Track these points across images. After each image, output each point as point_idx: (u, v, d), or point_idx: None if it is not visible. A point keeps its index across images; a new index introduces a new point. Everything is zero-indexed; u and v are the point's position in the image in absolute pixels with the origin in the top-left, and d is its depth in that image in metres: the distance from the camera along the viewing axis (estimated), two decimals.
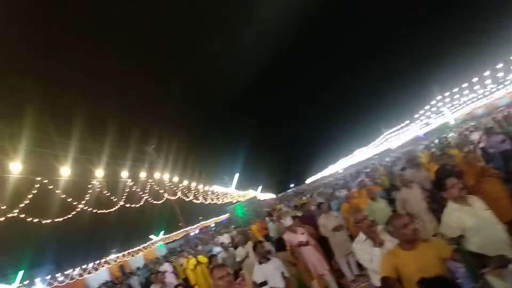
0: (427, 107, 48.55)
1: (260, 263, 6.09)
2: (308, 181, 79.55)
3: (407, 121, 58.76)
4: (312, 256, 7.31)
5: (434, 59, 50.19)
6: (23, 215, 9.06)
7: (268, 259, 6.03)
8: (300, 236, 7.48)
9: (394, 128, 63.73)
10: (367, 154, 70.86)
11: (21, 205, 8.89)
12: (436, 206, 6.09)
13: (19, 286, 25.87)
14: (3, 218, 8.49)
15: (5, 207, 8.40)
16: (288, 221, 8.22)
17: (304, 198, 21.49)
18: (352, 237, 8.16)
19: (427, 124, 54.89)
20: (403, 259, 3.08)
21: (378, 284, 3.90)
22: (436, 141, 19.66)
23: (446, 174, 5.11)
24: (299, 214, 10.76)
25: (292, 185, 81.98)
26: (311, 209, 10.55)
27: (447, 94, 42.50)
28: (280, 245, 8.07)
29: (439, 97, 43.19)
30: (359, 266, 7.69)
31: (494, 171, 5.32)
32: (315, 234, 8.08)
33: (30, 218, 9.49)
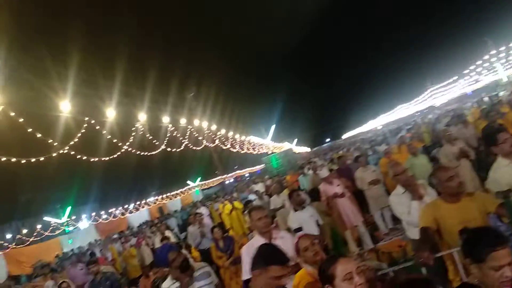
0: (478, 62, 45.18)
1: (296, 210, 6.24)
2: (344, 136, 78.41)
3: (455, 77, 55.39)
4: (346, 207, 7.38)
5: (489, 10, 46.10)
6: (72, 152, 9.63)
7: (303, 207, 6.16)
8: (336, 187, 7.52)
9: (440, 84, 60.37)
10: (409, 110, 68.18)
11: (71, 143, 9.43)
12: (483, 164, 5.90)
13: (67, 221, 28.03)
14: (55, 154, 9.06)
15: (56, 143, 8.92)
16: (324, 173, 8.22)
17: (340, 152, 21.39)
18: (388, 192, 8.14)
19: (476, 81, 51.50)
20: (445, 211, 3.04)
21: (414, 236, 3.91)
22: (486, 98, 18.58)
23: (497, 129, 4.87)
24: (335, 167, 10.78)
25: (327, 140, 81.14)
26: (348, 162, 10.52)
27: (502, 48, 39.26)
28: (314, 196, 8.16)
29: (493, 52, 39.93)
30: (394, 220, 7.73)
31: None
32: (351, 187, 8.10)
33: (79, 156, 10.07)
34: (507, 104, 10.65)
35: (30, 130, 8.13)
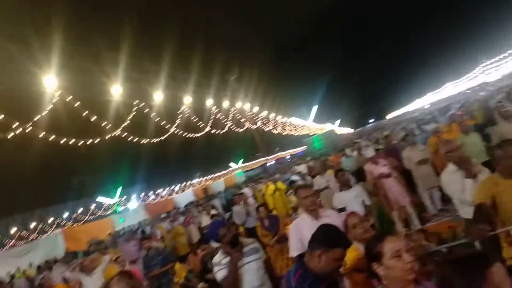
0: None
1: (341, 190, 6.22)
2: (389, 116, 75.79)
3: (510, 51, 51.57)
4: (393, 187, 7.23)
5: None
6: (125, 134, 10.09)
7: (350, 187, 6.12)
8: (382, 168, 7.37)
9: (493, 59, 56.38)
10: (459, 88, 64.44)
11: (123, 125, 9.88)
12: None
13: (118, 201, 29.47)
14: (108, 136, 9.55)
15: (109, 126, 9.39)
16: (370, 153, 8.09)
17: (385, 132, 20.83)
18: (437, 172, 7.88)
19: None
20: (502, 188, 2.94)
21: (466, 216, 3.79)
22: None
23: None
24: (380, 147, 10.54)
25: (371, 120, 78.69)
26: (394, 142, 10.25)
27: None
28: (359, 176, 8.07)
29: None
30: (443, 201, 7.50)
31: None
32: (398, 167, 7.91)
33: (131, 137, 10.53)
34: None
35: (85, 113, 8.59)
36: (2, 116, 7.10)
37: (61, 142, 8.80)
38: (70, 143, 9.09)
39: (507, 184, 2.93)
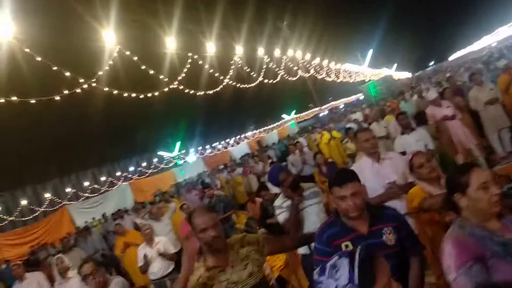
0: None
1: (403, 133, 6.02)
2: (451, 58, 70.34)
3: None
4: (458, 129, 6.88)
5: None
6: (181, 87, 10.32)
7: (412, 129, 5.90)
8: (446, 109, 7.00)
9: None
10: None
11: (179, 78, 10.08)
12: None
13: (177, 154, 30.79)
14: (166, 89, 9.83)
15: (166, 79, 9.62)
16: (432, 95, 7.65)
17: (447, 74, 19.48)
18: (508, 113, 7.34)
19: None
20: None
21: None
22: None
23: None
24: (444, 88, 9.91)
25: (431, 63, 73.50)
26: (459, 83, 9.60)
27: None
28: (420, 120, 7.73)
29: None
30: None
31: None
32: (464, 108, 7.45)
33: (187, 90, 10.75)
34: None
35: (143, 67, 8.83)
36: (68, 73, 7.49)
37: (124, 95, 9.17)
38: (132, 96, 9.45)
39: None
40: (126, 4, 8.63)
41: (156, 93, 9.91)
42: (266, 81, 16.00)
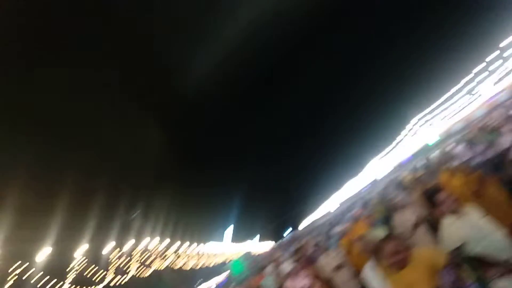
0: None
1: None
2: (302, 225, 75.98)
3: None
4: None
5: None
6: None
7: None
8: (304, 280, 6.95)
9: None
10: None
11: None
12: None
13: None
14: None
15: None
16: (287, 267, 7.65)
17: (299, 244, 20.53)
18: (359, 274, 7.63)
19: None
20: None
21: None
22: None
23: None
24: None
25: (288, 231, 77.82)
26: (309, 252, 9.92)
27: None
28: None
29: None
30: None
31: None
32: (321, 275, 7.51)
33: None
34: None
35: None
36: None
37: None
38: None
39: None
40: None
41: None
42: (114, 282, 14.32)
